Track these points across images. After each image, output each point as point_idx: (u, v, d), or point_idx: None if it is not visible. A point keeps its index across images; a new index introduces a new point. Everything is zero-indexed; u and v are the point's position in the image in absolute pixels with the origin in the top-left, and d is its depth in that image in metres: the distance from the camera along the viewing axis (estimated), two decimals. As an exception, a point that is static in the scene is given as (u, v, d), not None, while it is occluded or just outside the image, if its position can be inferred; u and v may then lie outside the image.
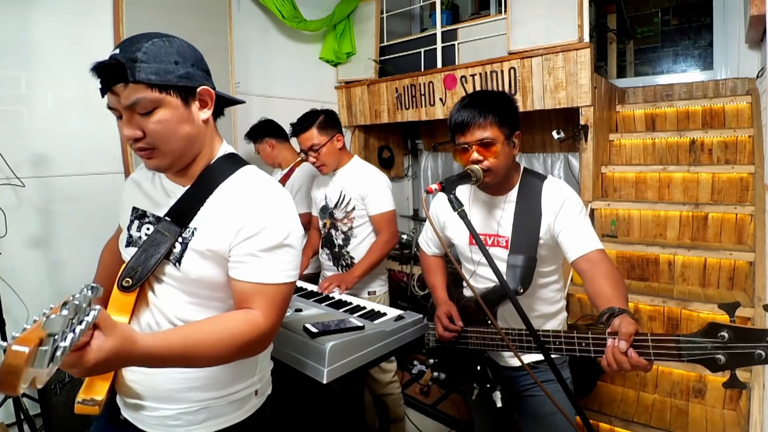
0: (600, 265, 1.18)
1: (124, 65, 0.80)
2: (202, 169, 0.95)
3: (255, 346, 0.88)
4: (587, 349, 1.06)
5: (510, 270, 1.30)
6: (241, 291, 0.89)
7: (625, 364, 0.90)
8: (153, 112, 0.83)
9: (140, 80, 0.80)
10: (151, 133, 0.84)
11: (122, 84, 0.81)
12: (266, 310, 0.88)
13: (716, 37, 3.44)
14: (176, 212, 0.93)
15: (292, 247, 0.92)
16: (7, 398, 1.93)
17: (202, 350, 0.80)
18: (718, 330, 0.83)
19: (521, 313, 1.03)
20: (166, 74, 0.83)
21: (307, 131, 2.01)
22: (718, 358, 0.82)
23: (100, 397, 0.89)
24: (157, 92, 0.83)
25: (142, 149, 0.86)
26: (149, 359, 0.74)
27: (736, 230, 2.51)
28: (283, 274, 0.90)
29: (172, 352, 0.76)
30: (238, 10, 3.02)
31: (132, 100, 0.81)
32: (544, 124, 3.40)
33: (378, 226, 2.07)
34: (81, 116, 2.26)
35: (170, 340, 0.78)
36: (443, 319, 1.41)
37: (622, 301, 1.07)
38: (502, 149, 1.25)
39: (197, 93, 0.89)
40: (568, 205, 1.29)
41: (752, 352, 0.78)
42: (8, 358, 0.47)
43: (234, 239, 0.88)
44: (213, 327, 0.84)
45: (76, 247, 2.22)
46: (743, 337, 0.80)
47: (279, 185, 0.97)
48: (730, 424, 2.05)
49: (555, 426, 1.35)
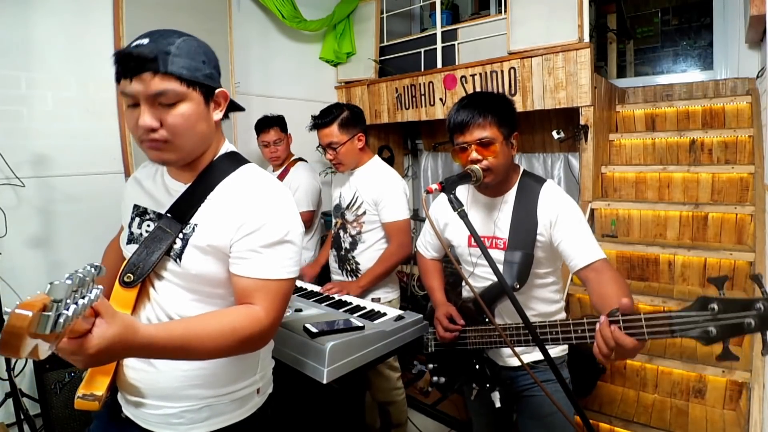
0: (605, 273, 1.18)
1: (157, 55, 0.81)
2: (204, 167, 0.96)
3: (256, 340, 0.88)
4: (583, 335, 1.07)
5: (507, 266, 1.30)
6: (242, 287, 0.90)
7: (609, 340, 0.91)
8: (176, 104, 0.85)
9: (172, 72, 0.82)
10: (171, 126, 0.85)
11: (151, 72, 0.82)
12: (267, 306, 0.88)
13: (716, 37, 3.44)
14: (177, 209, 0.94)
15: (293, 244, 0.93)
16: (7, 398, 1.94)
17: (202, 341, 0.80)
18: (707, 303, 0.83)
19: (518, 307, 1.03)
20: (195, 71, 0.86)
21: (328, 127, 1.89)
22: (710, 330, 0.83)
23: (101, 393, 0.89)
24: (185, 86, 0.85)
25: (154, 140, 0.85)
26: (150, 348, 0.73)
27: (736, 230, 2.51)
28: (284, 270, 0.91)
29: (172, 341, 0.76)
30: (238, 10, 3.02)
31: (160, 89, 0.82)
32: (544, 124, 3.40)
33: (390, 234, 1.96)
34: (81, 116, 2.26)
35: (171, 330, 0.78)
36: (443, 320, 1.41)
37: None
38: (501, 149, 1.25)
39: (216, 94, 0.92)
40: (564, 216, 1.28)
41: (742, 322, 0.79)
42: (11, 320, 0.48)
43: (235, 235, 0.89)
44: (214, 319, 0.85)
45: (76, 247, 2.22)
46: (732, 308, 0.81)
47: (279, 183, 0.98)
48: (730, 424, 2.05)
49: (554, 426, 1.35)
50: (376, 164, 2.03)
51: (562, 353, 1.43)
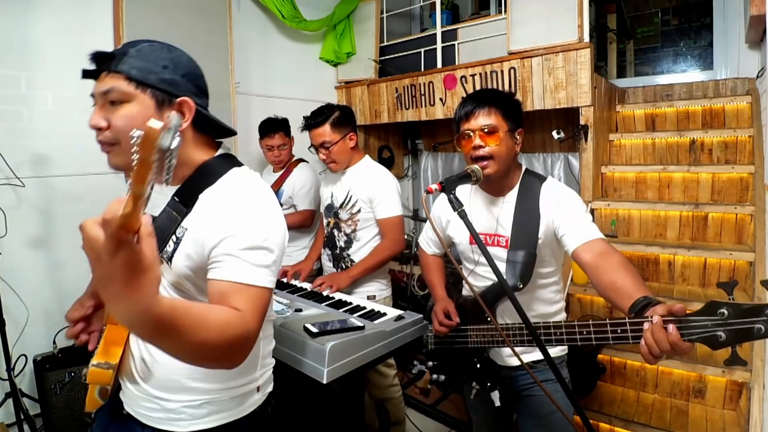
0: (610, 257, 1.13)
1: (114, 55, 0.84)
2: (189, 174, 0.94)
3: (241, 344, 0.80)
4: (588, 337, 1.04)
5: (509, 265, 1.30)
6: (220, 291, 0.84)
7: (664, 342, 0.85)
8: (122, 104, 0.85)
9: (120, 70, 0.84)
10: (114, 126, 0.85)
11: (105, 72, 0.85)
12: (249, 309, 0.82)
13: (716, 37, 3.44)
14: (169, 213, 0.94)
15: (271, 252, 0.88)
16: (7, 398, 1.94)
17: (197, 327, 0.71)
18: (717, 307, 0.83)
19: (518, 308, 1.02)
20: (147, 73, 0.85)
21: (320, 127, 1.93)
22: (719, 335, 0.82)
23: (115, 362, 0.89)
24: (133, 87, 0.84)
25: (102, 142, 0.87)
26: (166, 311, 0.65)
27: (736, 230, 2.51)
28: (261, 278, 0.86)
29: (185, 313, 0.69)
30: (238, 10, 3.02)
31: (107, 87, 0.84)
32: (544, 124, 3.40)
33: (383, 230, 2.01)
34: (81, 116, 2.21)
35: (184, 301, 0.79)
36: (439, 314, 1.42)
37: (646, 291, 1.01)
38: (504, 138, 1.27)
39: (176, 102, 0.88)
40: (566, 203, 1.29)
41: (752, 327, 0.78)
42: (147, 131, 0.53)
43: (213, 243, 0.86)
44: (211, 310, 0.78)
45: (76, 247, 2.18)
46: (742, 313, 0.80)
47: (262, 189, 0.94)
48: (730, 424, 2.05)
49: (553, 425, 1.36)
50: (367, 163, 2.08)
51: (561, 353, 1.43)
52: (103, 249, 0.56)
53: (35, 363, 2.00)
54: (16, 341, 2.03)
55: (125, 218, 0.54)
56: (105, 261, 0.57)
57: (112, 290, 0.59)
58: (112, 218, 0.54)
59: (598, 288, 1.13)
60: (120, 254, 0.56)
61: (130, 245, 0.56)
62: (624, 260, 1.13)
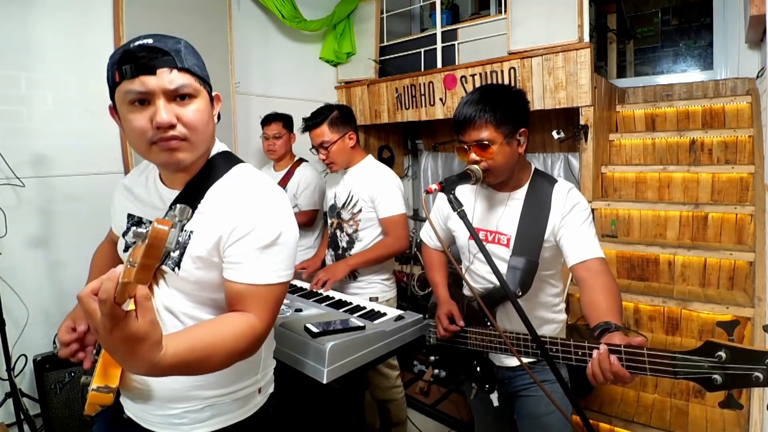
0: (600, 277, 1.16)
1: (170, 52, 0.82)
2: (197, 170, 0.94)
3: (252, 349, 0.88)
4: (583, 359, 1.04)
5: (510, 272, 1.29)
6: (234, 292, 0.88)
7: (607, 372, 0.92)
8: (192, 100, 0.85)
9: (188, 67, 0.84)
10: (188, 122, 0.84)
11: (168, 68, 0.81)
12: (261, 313, 0.87)
13: (716, 37, 3.44)
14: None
15: (286, 246, 0.91)
16: (7, 398, 1.94)
17: (210, 358, 0.79)
18: (715, 349, 0.80)
19: (522, 314, 1.02)
20: (202, 69, 0.89)
21: (319, 127, 1.93)
22: (715, 378, 0.80)
23: (115, 385, 0.89)
24: (199, 83, 0.86)
25: (173, 138, 0.83)
26: (172, 361, 0.71)
27: (736, 230, 2.51)
28: (275, 275, 0.89)
29: (191, 353, 0.75)
30: (238, 10, 3.02)
31: (179, 83, 0.82)
32: (544, 124, 3.40)
33: (387, 229, 1.98)
34: (81, 116, 2.26)
35: (189, 337, 0.77)
36: (443, 319, 1.40)
37: (616, 315, 1.06)
38: (500, 149, 1.24)
39: (214, 96, 0.93)
40: (577, 211, 1.27)
41: (750, 374, 0.76)
42: (154, 233, 0.55)
43: (228, 240, 0.87)
44: (216, 334, 0.81)
45: (76, 247, 2.22)
46: (741, 358, 0.77)
47: (272, 183, 0.96)
48: (730, 424, 2.05)
49: (551, 425, 1.35)
50: (369, 162, 2.07)
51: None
52: (100, 326, 0.61)
53: (35, 363, 2.00)
54: (16, 341, 2.03)
55: (124, 286, 0.57)
56: (103, 336, 0.62)
57: (117, 357, 0.66)
58: (107, 298, 0.58)
59: (581, 304, 1.18)
60: (116, 331, 0.61)
61: (124, 322, 0.61)
62: (610, 283, 1.15)
